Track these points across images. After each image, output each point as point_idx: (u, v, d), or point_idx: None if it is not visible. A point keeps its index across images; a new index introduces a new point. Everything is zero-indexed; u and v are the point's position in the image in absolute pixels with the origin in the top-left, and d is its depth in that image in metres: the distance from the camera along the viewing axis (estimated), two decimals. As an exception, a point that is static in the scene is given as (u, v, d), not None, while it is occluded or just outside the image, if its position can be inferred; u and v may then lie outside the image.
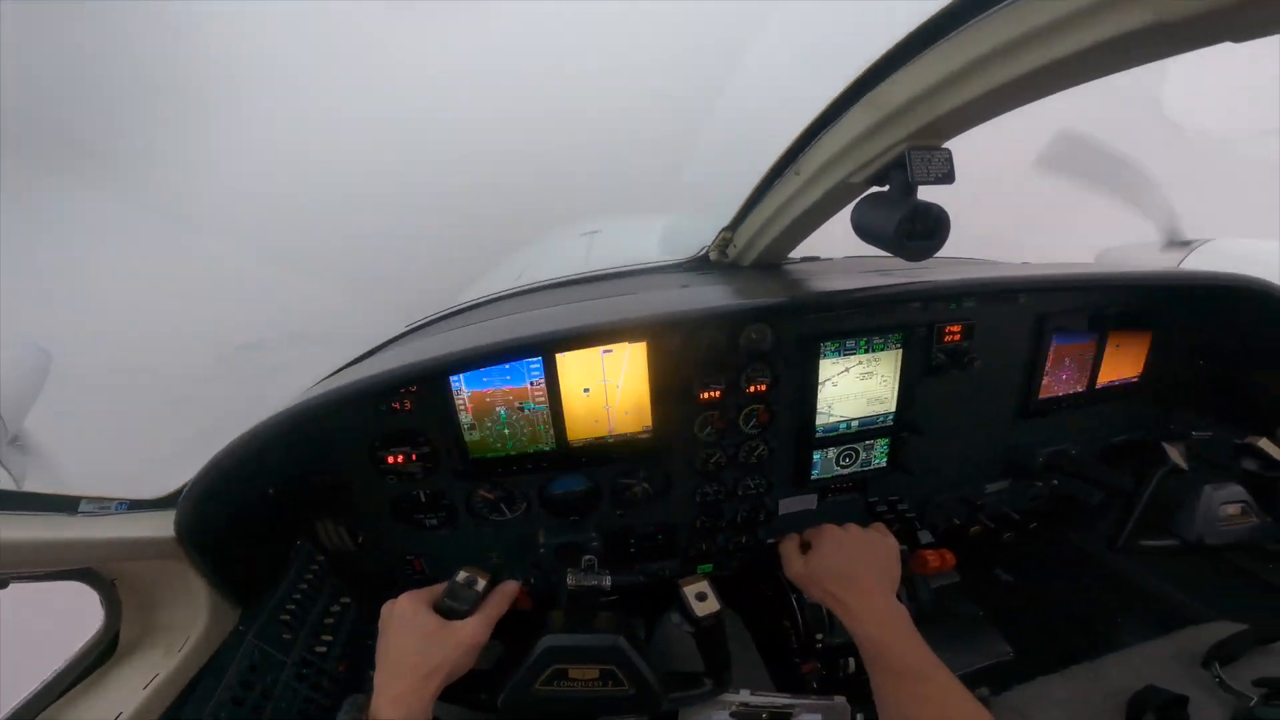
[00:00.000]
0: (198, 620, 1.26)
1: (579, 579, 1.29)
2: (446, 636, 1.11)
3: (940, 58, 0.91)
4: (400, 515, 1.63)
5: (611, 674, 1.17)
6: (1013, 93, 0.86)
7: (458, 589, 1.19)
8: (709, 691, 1.30)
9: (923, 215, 1.07)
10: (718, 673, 1.32)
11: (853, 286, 1.44)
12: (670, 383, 1.55)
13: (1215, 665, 1.48)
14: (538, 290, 2.10)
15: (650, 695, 1.20)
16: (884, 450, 1.77)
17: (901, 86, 1.00)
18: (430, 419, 1.51)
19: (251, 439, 1.20)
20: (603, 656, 1.18)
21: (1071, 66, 0.77)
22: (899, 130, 1.05)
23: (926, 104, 0.98)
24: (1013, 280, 1.59)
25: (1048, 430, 1.90)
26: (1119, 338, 1.83)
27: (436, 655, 1.08)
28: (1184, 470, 1.58)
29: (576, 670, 1.17)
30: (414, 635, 1.11)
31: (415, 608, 1.14)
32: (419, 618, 1.13)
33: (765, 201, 1.55)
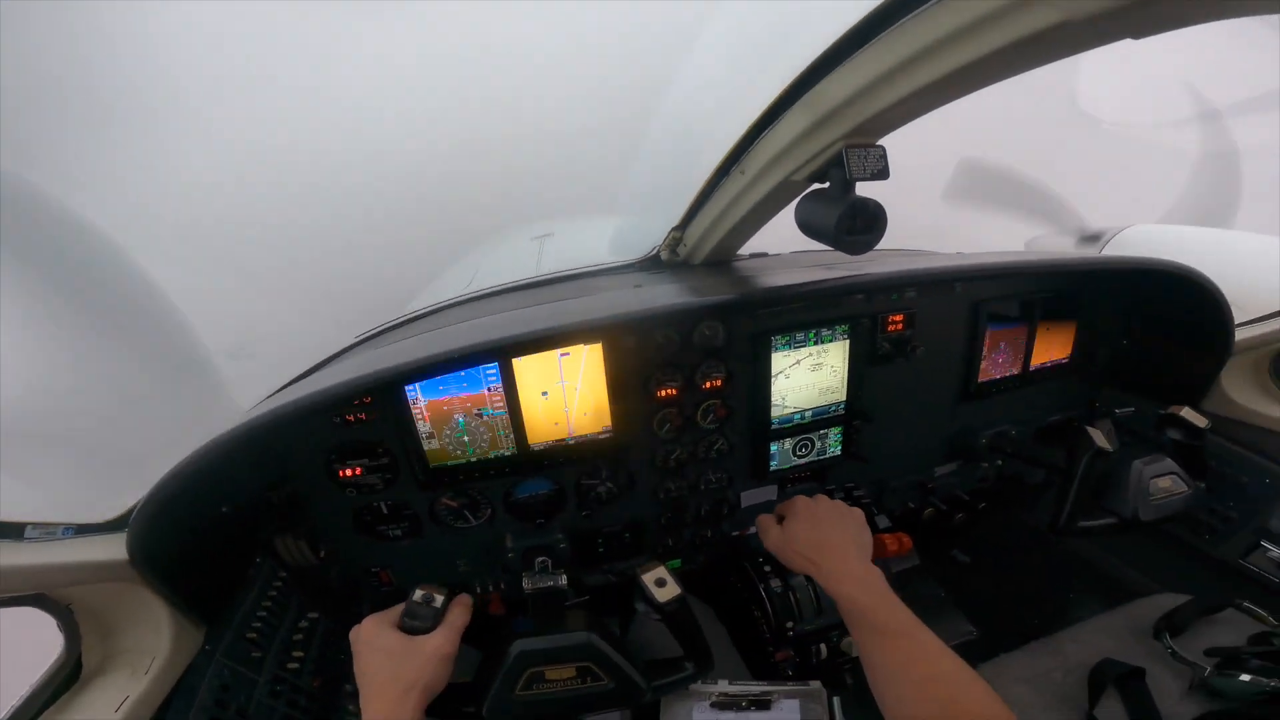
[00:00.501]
0: (161, 641, 1.24)
1: (535, 582, 1.30)
2: (413, 651, 1.12)
3: (869, 59, 0.95)
4: (362, 528, 1.60)
5: (588, 670, 1.19)
6: (937, 91, 0.91)
7: (415, 607, 1.19)
8: (692, 674, 1.32)
9: (861, 211, 1.12)
10: (697, 655, 1.34)
11: (799, 281, 1.48)
12: (627, 382, 1.57)
13: (1165, 636, 1.56)
14: (490, 295, 2.09)
15: (631, 686, 1.22)
16: (838, 439, 1.83)
17: (836, 87, 1.04)
18: (387, 430, 1.49)
19: (199, 458, 1.17)
20: (576, 654, 1.19)
21: (988, 66, 0.82)
22: (836, 129, 1.09)
23: (859, 104, 1.02)
24: (948, 270, 1.66)
25: (988, 412, 1.99)
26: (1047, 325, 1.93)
27: (409, 671, 1.09)
28: (1109, 451, 1.63)
29: (553, 671, 1.18)
30: (381, 655, 1.12)
31: (378, 629, 1.16)
32: (383, 638, 1.14)
33: (713, 200, 1.58)
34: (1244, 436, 1.94)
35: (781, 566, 1.78)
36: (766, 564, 1.81)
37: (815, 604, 1.73)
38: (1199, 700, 1.43)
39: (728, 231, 1.61)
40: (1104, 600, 1.91)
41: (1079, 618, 1.74)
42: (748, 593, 1.81)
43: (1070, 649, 1.63)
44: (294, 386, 1.55)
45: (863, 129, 1.07)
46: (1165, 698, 1.45)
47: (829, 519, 1.35)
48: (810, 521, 1.35)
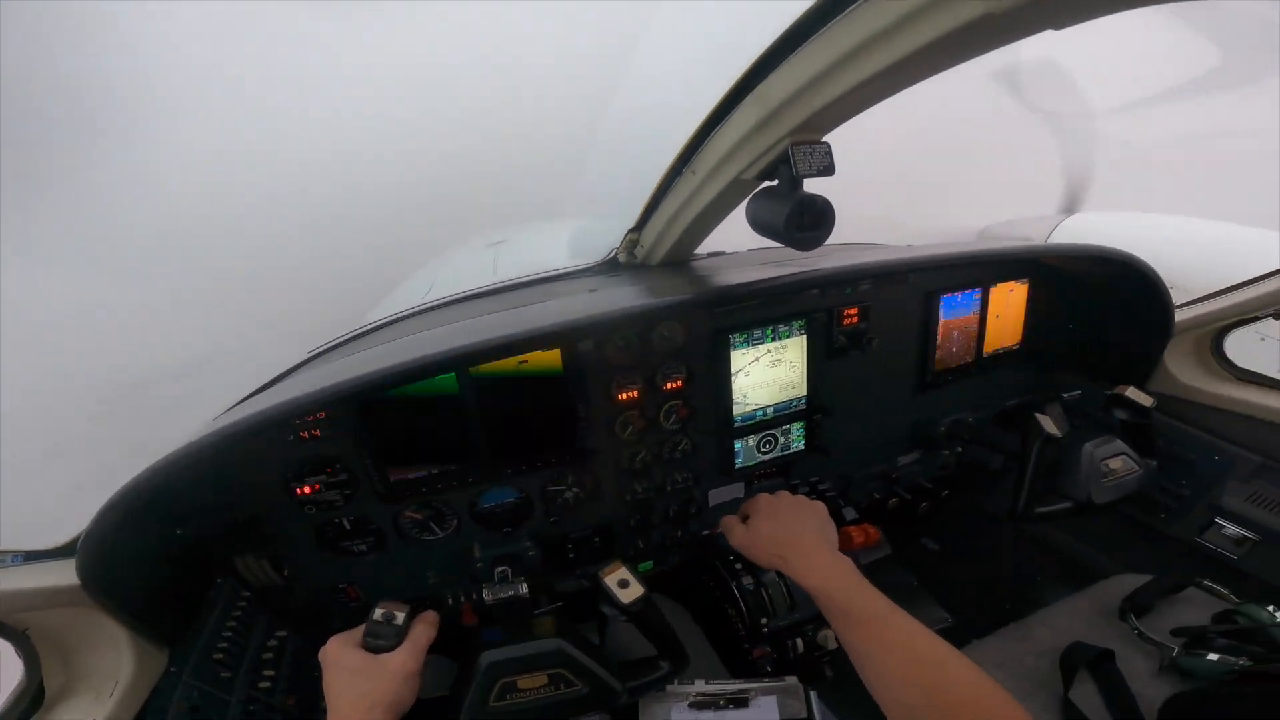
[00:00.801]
0: (123, 664, 1.21)
1: (496, 592, 1.29)
2: (377, 670, 1.12)
3: (809, 56, 0.96)
4: (326, 544, 1.57)
5: (560, 677, 1.19)
6: (874, 86, 0.92)
7: (376, 626, 1.18)
8: (667, 673, 1.33)
9: (809, 207, 1.12)
10: (670, 653, 1.34)
11: (753, 279, 1.49)
12: (588, 386, 1.56)
13: (1131, 617, 1.61)
14: (446, 305, 2.06)
15: (606, 689, 1.22)
16: (800, 434, 1.84)
17: (780, 84, 1.04)
18: (344, 445, 1.46)
19: (147, 480, 1.14)
20: (546, 662, 1.19)
21: (920, 60, 0.83)
22: (781, 126, 1.10)
23: (802, 100, 1.02)
24: (899, 262, 1.69)
25: (946, 401, 2.03)
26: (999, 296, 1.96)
27: (374, 690, 1.09)
28: (1058, 437, 1.65)
29: (525, 680, 1.18)
30: (346, 675, 1.11)
31: (341, 649, 1.15)
32: (347, 658, 1.14)
33: (667, 201, 1.58)
34: (1191, 415, 2.00)
35: (752, 563, 1.79)
36: (738, 562, 1.81)
37: (788, 599, 1.74)
38: (1170, 680, 1.47)
39: (683, 232, 1.61)
40: (1069, 583, 1.95)
41: (1047, 601, 1.78)
42: (720, 591, 1.81)
43: (1040, 633, 1.66)
44: (243, 405, 1.50)
45: (807, 125, 1.08)
46: (1136, 678, 1.48)
47: (791, 513, 1.36)
48: (773, 518, 1.36)
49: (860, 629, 1.11)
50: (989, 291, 1.93)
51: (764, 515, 1.37)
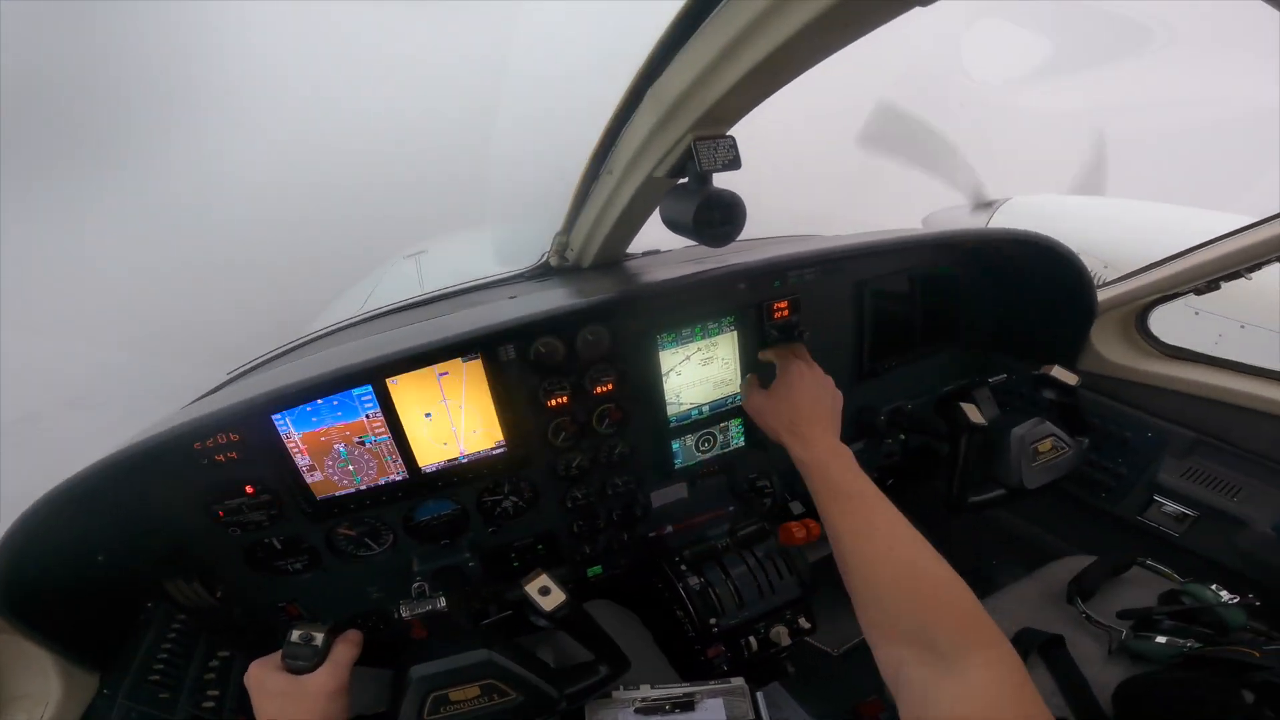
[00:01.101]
0: (51, 688, 1.20)
1: (412, 608, 1.28)
2: (299, 691, 1.12)
3: (696, 50, 0.94)
4: (257, 565, 1.54)
5: (493, 687, 1.18)
6: (762, 76, 0.90)
7: (293, 648, 1.17)
8: (606, 676, 1.32)
9: (716, 203, 1.10)
10: (607, 656, 1.33)
11: (673, 276, 1.47)
12: (514, 395, 1.53)
13: (1078, 601, 1.62)
14: (367, 320, 2.01)
15: (541, 696, 1.21)
16: (740, 430, 1.83)
17: (675, 78, 1.03)
18: (261, 466, 1.41)
19: (44, 508, 1.12)
20: (476, 673, 1.18)
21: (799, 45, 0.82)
22: (683, 121, 1.08)
23: (696, 94, 1.01)
24: (826, 251, 1.68)
25: (885, 389, 2.04)
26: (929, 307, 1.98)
27: (298, 711, 1.10)
28: (984, 425, 1.66)
29: (456, 692, 1.18)
30: (269, 699, 1.12)
31: (263, 674, 1.15)
32: (269, 681, 1.14)
33: (590, 202, 1.56)
34: (1122, 393, 2.04)
35: (698, 564, 1.78)
36: (682, 562, 1.80)
37: (736, 597, 1.73)
38: (1121, 664, 1.48)
39: (609, 232, 1.59)
40: (1023, 565, 1.97)
41: (999, 585, 1.79)
42: (669, 593, 1.79)
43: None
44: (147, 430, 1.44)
45: (708, 119, 1.06)
46: (1088, 663, 1.49)
47: (818, 389, 1.40)
48: (800, 388, 1.40)
49: (849, 506, 1.16)
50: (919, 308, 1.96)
51: (791, 383, 1.41)
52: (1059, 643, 1.54)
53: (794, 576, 1.81)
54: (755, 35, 0.82)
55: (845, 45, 0.83)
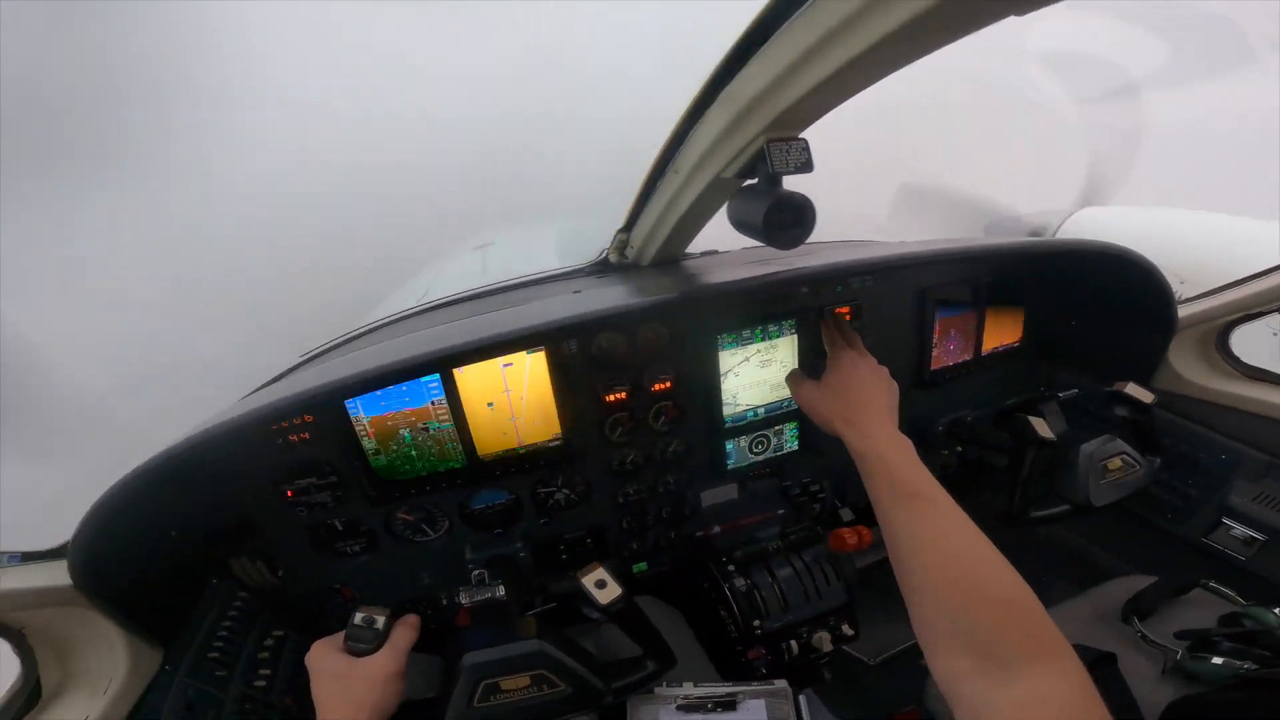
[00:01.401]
0: (118, 663, 1.24)
1: (472, 595, 1.29)
2: (358, 674, 1.15)
3: (777, 51, 0.95)
4: (319, 545, 1.59)
5: (543, 678, 1.20)
6: (842, 81, 0.90)
7: (356, 630, 1.21)
8: (652, 672, 1.33)
9: (788, 205, 1.10)
10: (655, 653, 1.34)
11: (739, 278, 1.47)
12: (575, 388, 1.56)
13: (1134, 620, 1.57)
14: (433, 309, 2.07)
15: (589, 689, 1.22)
16: (794, 433, 1.82)
17: (750, 80, 1.03)
18: (331, 448, 1.47)
19: (132, 483, 1.16)
20: (527, 663, 1.19)
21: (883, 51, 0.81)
22: (756, 123, 1.08)
23: (774, 96, 1.01)
24: (890, 259, 1.66)
25: (944, 399, 2.00)
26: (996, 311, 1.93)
27: (356, 693, 1.12)
28: (1051, 440, 1.61)
29: (507, 681, 1.19)
30: (329, 678, 1.15)
31: (324, 654, 1.18)
32: (329, 661, 1.17)
33: (653, 201, 1.57)
34: (1197, 413, 1.96)
35: (746, 565, 1.78)
36: (730, 563, 1.80)
37: (781, 601, 1.73)
38: (1174, 684, 1.43)
39: (671, 231, 1.60)
40: (1075, 582, 1.92)
41: (1052, 602, 1.74)
42: (714, 593, 1.80)
43: None
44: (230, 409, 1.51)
45: (782, 122, 1.06)
46: (1139, 682, 1.45)
47: (872, 378, 1.34)
48: (852, 377, 1.33)
49: (908, 504, 1.08)
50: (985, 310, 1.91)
51: (843, 373, 1.34)
52: (1110, 660, 1.49)
53: (841, 582, 1.79)
54: (839, 40, 0.82)
55: (933, 51, 0.82)
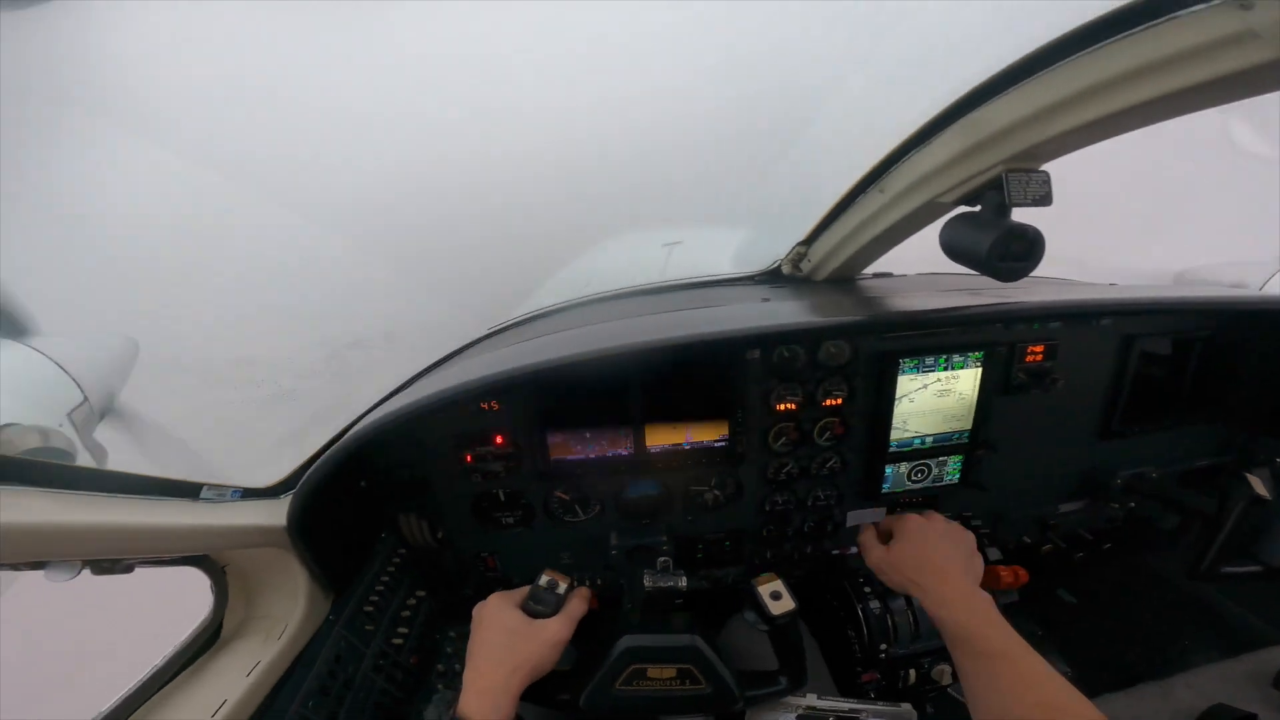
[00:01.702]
0: (296, 609, 1.30)
1: (655, 580, 1.32)
2: (532, 634, 1.17)
3: (1046, 86, 0.94)
4: (479, 513, 1.68)
5: (689, 673, 1.21)
6: (1122, 121, 0.88)
7: (540, 592, 1.24)
8: (785, 688, 1.32)
9: (1019, 237, 1.09)
10: (793, 670, 1.34)
11: (940, 306, 1.45)
12: (749, 394, 1.59)
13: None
14: (618, 297, 2.16)
15: (727, 693, 1.22)
16: (957, 467, 1.77)
17: (1003, 111, 1.02)
18: (516, 419, 1.56)
19: (356, 438, 1.26)
20: (680, 656, 1.21)
21: (1183, 99, 0.79)
22: (997, 153, 1.07)
23: (1029, 129, 1.00)
24: (1103, 303, 1.56)
25: (1128, 452, 1.87)
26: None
27: (522, 651, 1.14)
28: (1266, 499, 1.54)
29: (655, 670, 1.21)
30: (501, 632, 1.16)
31: (502, 606, 1.21)
32: (506, 615, 1.19)
33: (845, 217, 1.58)
34: None
35: (883, 589, 1.76)
36: (867, 585, 1.79)
37: (913, 629, 1.71)
38: None
39: (858, 250, 1.60)
40: (1221, 649, 1.80)
41: (1193, 664, 1.64)
42: (844, 611, 1.79)
43: (1180, 693, 1.54)
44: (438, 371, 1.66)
45: (1027, 154, 1.05)
46: None
47: (940, 539, 1.32)
48: (920, 541, 1.32)
49: (988, 665, 1.07)
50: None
51: (910, 538, 1.33)
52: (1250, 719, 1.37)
53: None
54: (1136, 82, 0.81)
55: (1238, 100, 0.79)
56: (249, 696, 1.16)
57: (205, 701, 1.13)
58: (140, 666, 1.18)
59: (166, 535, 1.09)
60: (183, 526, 1.11)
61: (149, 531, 1.05)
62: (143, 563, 1.11)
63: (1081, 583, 2.37)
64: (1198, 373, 1.78)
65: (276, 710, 1.18)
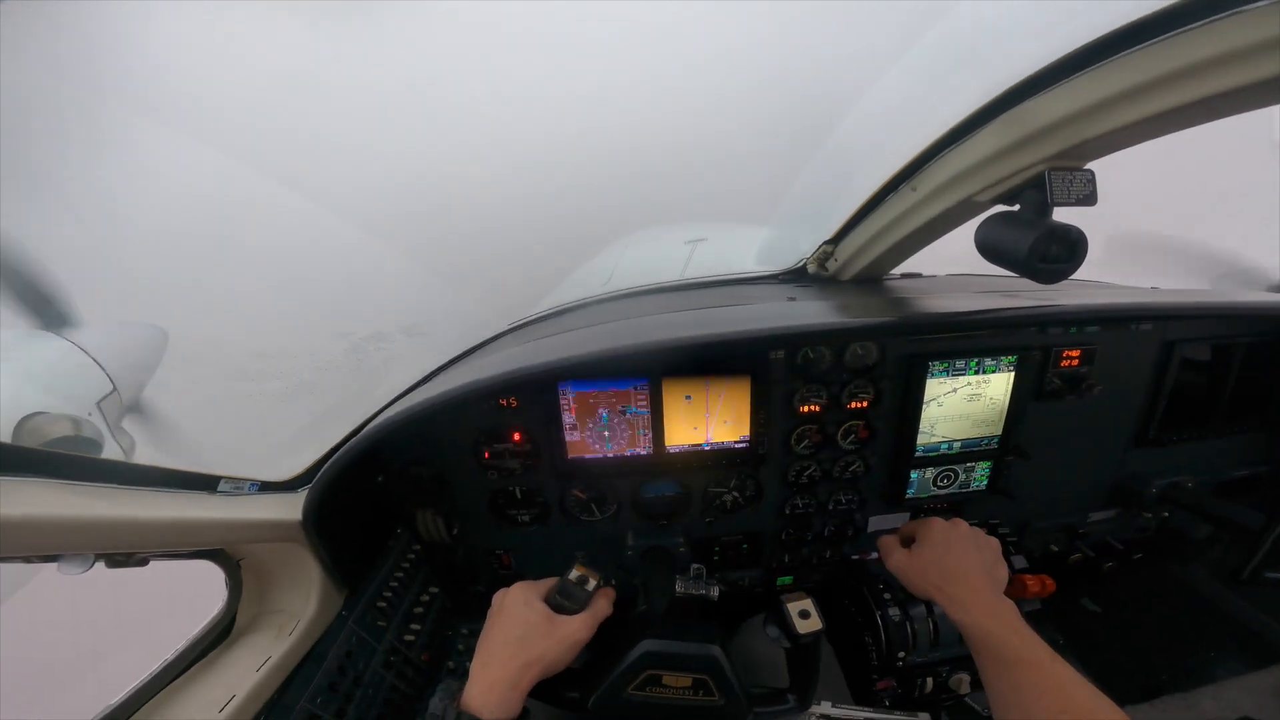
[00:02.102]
0: (309, 604, 1.29)
1: (688, 586, 1.29)
2: (552, 630, 1.13)
3: (1097, 81, 0.89)
4: (495, 510, 1.67)
5: (704, 684, 1.18)
6: (1176, 118, 0.84)
7: (570, 587, 1.21)
8: (791, 708, 1.30)
9: (1061, 237, 1.04)
10: (803, 690, 1.32)
11: (975, 308, 1.40)
12: (772, 394, 1.56)
13: None
14: (640, 294, 2.14)
15: (738, 707, 1.20)
16: (985, 473, 1.72)
17: (1047, 108, 0.98)
18: (535, 416, 1.54)
19: (374, 432, 1.25)
20: (698, 666, 1.18)
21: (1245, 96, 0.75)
22: (1039, 151, 1.03)
23: (1075, 126, 0.95)
24: (1144, 307, 1.51)
25: (1164, 460, 1.81)
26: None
27: (538, 646, 1.10)
28: None
29: (670, 677, 1.18)
30: (520, 624, 1.13)
31: (527, 597, 1.17)
32: (529, 608, 1.15)
33: (874, 216, 1.53)
34: None
35: (903, 595, 1.72)
36: (886, 591, 1.75)
37: (933, 637, 1.67)
38: None
39: (886, 249, 1.56)
40: (1247, 661, 1.75)
41: (1218, 677, 1.62)
42: (862, 618, 1.75)
43: (1207, 705, 1.53)
44: (458, 366, 1.64)
45: (1073, 152, 1.00)
46: None
47: (963, 546, 1.29)
48: (944, 547, 1.29)
49: (1013, 673, 1.05)
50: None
51: (934, 543, 1.31)
52: None
53: None
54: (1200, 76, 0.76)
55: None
56: (257, 692, 1.14)
57: (214, 696, 1.12)
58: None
59: (181, 528, 1.06)
60: (198, 520, 1.09)
61: (163, 525, 1.03)
62: (157, 556, 1.09)
63: (1106, 591, 2.31)
64: (1239, 380, 1.71)
65: (284, 705, 1.17)
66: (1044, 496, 1.84)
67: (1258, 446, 1.89)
